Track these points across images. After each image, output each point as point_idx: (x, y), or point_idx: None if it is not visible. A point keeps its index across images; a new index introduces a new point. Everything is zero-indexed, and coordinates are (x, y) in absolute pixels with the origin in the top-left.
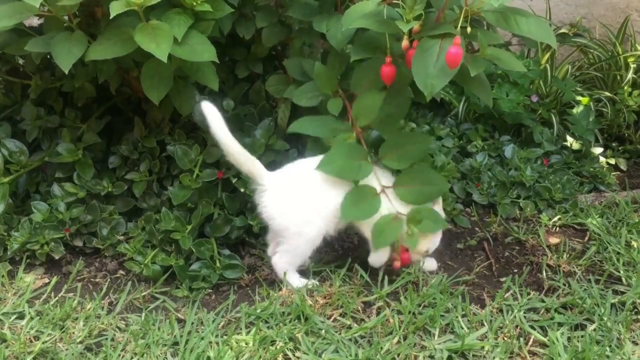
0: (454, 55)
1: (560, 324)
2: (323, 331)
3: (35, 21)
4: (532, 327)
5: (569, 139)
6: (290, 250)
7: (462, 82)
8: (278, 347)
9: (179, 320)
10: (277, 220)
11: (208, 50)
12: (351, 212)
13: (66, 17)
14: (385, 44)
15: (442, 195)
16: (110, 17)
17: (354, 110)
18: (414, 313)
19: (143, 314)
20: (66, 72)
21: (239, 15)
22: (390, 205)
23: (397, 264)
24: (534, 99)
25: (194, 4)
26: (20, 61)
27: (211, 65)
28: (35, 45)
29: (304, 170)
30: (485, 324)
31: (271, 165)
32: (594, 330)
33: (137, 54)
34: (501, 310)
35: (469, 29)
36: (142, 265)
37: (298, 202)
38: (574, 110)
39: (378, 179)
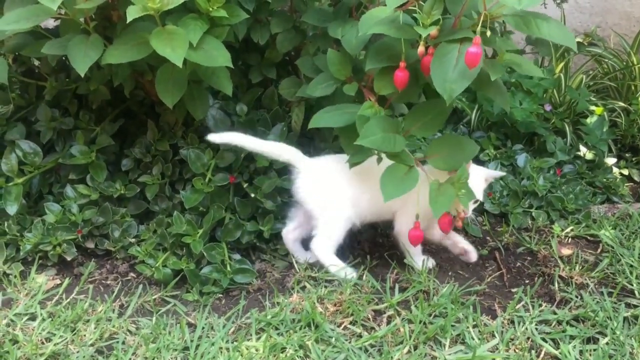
0: (473, 55)
1: (572, 337)
2: (333, 339)
3: (51, 22)
4: (543, 339)
5: (582, 148)
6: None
7: (480, 88)
8: (288, 354)
9: (190, 325)
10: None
11: (223, 55)
12: (392, 191)
13: (82, 20)
14: (401, 51)
15: None
16: (127, 22)
17: (376, 84)
18: (424, 323)
19: (154, 318)
20: (82, 75)
21: (254, 21)
22: None
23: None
24: (548, 108)
25: (210, 9)
26: (36, 63)
27: (225, 70)
28: (52, 47)
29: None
30: (497, 335)
31: (284, 170)
32: (607, 344)
33: (152, 58)
34: (512, 322)
35: (488, 33)
36: (153, 269)
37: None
38: (588, 120)
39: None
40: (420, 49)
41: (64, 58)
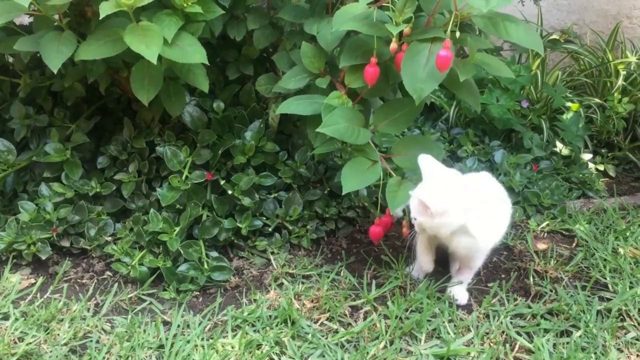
0: (443, 59)
1: (546, 330)
2: (309, 335)
3: (25, 20)
4: (518, 333)
5: (559, 144)
6: None
7: (451, 87)
8: (264, 351)
9: (165, 323)
10: None
11: (198, 52)
12: (352, 184)
13: (56, 17)
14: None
15: None
16: (100, 18)
17: (347, 78)
18: (400, 318)
19: (129, 316)
20: (55, 71)
21: (230, 17)
22: None
23: (405, 230)
24: (524, 104)
25: (185, 5)
26: (10, 59)
27: (202, 66)
28: (25, 44)
29: None
30: (472, 329)
31: (261, 167)
32: (580, 336)
33: (127, 55)
34: (488, 316)
35: (458, 34)
36: (129, 267)
37: None
38: (564, 117)
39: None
40: (393, 45)
41: (38, 55)
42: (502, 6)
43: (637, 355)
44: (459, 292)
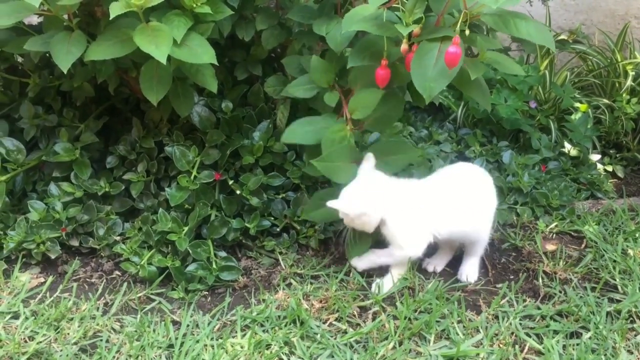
0: (453, 55)
1: (555, 332)
2: (318, 335)
3: (35, 19)
4: (527, 334)
5: (567, 145)
6: None
7: (461, 87)
8: (273, 351)
9: (174, 323)
10: None
11: (207, 52)
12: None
13: (66, 17)
14: (383, 49)
15: None
16: (110, 18)
17: (351, 104)
18: (409, 318)
19: (138, 316)
20: (65, 71)
21: (239, 17)
22: None
23: None
24: (533, 105)
25: (194, 5)
26: (19, 59)
27: (210, 67)
28: (34, 44)
29: None
30: (481, 330)
31: (269, 168)
32: (590, 338)
33: (136, 55)
34: (497, 317)
35: (467, 32)
36: (138, 266)
37: None
38: (572, 117)
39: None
40: (404, 46)
41: (47, 55)
42: (511, 5)
43: None
44: (470, 270)
